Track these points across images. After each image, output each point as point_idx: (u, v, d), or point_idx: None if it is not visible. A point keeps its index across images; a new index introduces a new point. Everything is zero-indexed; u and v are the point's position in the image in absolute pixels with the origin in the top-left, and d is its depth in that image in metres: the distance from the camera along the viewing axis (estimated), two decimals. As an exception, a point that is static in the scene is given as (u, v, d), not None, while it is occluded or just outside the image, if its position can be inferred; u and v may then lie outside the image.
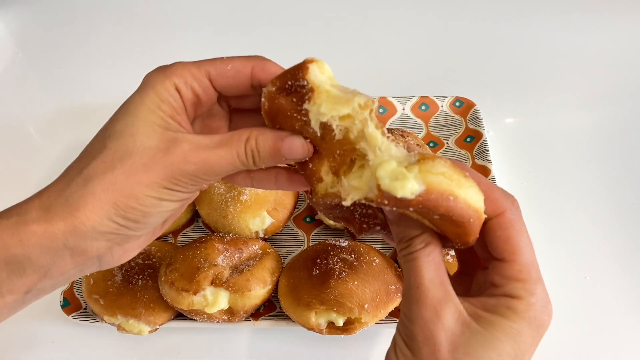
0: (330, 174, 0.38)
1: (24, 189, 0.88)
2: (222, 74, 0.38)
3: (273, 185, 0.43)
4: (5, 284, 0.36)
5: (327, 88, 0.36)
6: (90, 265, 0.39)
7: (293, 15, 1.14)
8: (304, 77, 0.36)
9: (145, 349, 0.67)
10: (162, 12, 1.18)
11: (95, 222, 0.35)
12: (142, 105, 0.37)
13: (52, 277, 0.37)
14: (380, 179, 0.31)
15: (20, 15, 1.20)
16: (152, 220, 0.38)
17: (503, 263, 0.35)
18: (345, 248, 0.65)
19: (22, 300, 0.38)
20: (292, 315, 0.62)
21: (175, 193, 0.37)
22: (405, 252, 0.35)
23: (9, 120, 0.99)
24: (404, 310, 0.34)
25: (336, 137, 0.37)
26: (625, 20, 1.06)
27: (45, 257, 0.36)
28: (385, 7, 1.14)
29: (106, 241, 0.38)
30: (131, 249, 0.42)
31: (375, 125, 0.35)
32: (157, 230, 0.44)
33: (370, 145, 0.35)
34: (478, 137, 0.83)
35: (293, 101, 0.37)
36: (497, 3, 1.12)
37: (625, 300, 0.67)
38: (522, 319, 0.33)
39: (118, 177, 0.35)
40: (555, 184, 0.80)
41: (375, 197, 0.32)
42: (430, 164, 0.31)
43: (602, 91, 0.95)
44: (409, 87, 0.93)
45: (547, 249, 0.72)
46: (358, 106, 0.35)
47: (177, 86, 0.38)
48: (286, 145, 0.37)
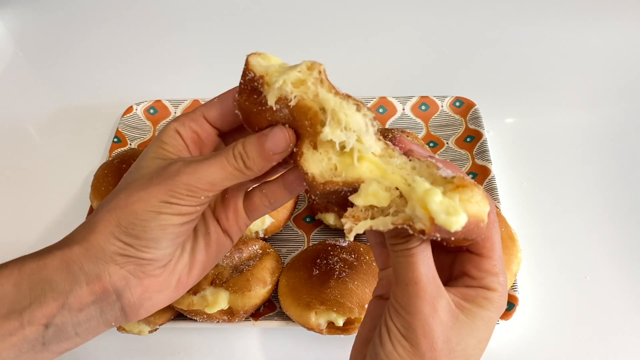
0: (310, 149, 0.39)
1: (24, 189, 0.88)
2: (213, 110, 0.43)
3: (285, 192, 0.45)
4: (26, 313, 0.37)
5: (274, 69, 0.38)
6: (110, 302, 0.40)
7: (293, 15, 1.14)
8: (249, 70, 0.39)
9: (145, 349, 0.67)
10: (162, 12, 1.18)
11: (102, 241, 0.39)
12: (148, 149, 0.42)
13: (70, 310, 0.38)
14: (436, 214, 0.32)
15: (20, 15, 1.20)
16: (154, 236, 0.39)
17: (480, 258, 0.38)
18: (345, 248, 0.65)
19: (42, 339, 0.38)
20: (292, 315, 0.62)
21: (173, 206, 0.39)
22: (402, 247, 0.36)
23: (9, 120, 0.99)
24: (400, 302, 0.35)
25: (295, 104, 0.38)
26: (625, 20, 1.06)
27: (64, 282, 0.38)
28: (385, 7, 1.14)
29: (118, 267, 0.39)
30: (152, 289, 0.41)
31: (327, 88, 0.37)
32: (183, 279, 0.44)
33: (327, 106, 0.37)
34: (478, 137, 0.83)
35: (255, 98, 0.39)
36: (497, 3, 1.12)
37: (625, 300, 0.67)
38: (495, 308, 0.37)
39: (121, 199, 0.39)
40: (555, 183, 0.80)
41: (426, 229, 0.32)
42: (469, 193, 0.32)
43: (601, 91, 0.95)
44: (409, 87, 0.93)
45: (547, 249, 0.72)
46: (306, 67, 0.37)
47: (177, 129, 0.42)
48: (268, 138, 0.39)
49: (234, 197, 0.46)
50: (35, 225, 0.81)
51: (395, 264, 0.36)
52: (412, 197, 0.33)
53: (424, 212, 0.32)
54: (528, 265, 0.70)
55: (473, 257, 0.38)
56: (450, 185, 0.33)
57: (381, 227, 0.35)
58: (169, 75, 1.04)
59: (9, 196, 0.86)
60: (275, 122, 0.40)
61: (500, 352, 0.64)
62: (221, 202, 0.46)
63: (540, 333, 0.65)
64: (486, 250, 0.38)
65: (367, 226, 0.36)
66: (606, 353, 0.63)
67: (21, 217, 0.83)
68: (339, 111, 0.37)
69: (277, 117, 0.39)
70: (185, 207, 0.39)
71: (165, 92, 0.96)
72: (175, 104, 0.93)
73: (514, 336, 0.65)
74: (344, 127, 0.38)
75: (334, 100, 0.37)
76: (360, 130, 0.38)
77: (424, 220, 0.32)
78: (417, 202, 0.33)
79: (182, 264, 0.43)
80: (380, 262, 0.43)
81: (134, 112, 0.92)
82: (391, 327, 0.36)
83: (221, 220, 0.45)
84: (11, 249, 0.79)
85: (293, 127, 0.39)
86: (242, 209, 0.46)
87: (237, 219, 0.46)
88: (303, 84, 0.38)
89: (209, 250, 0.45)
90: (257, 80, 0.39)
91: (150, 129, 0.92)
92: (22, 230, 0.81)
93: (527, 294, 0.67)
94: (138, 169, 0.41)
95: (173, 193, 0.38)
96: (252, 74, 0.39)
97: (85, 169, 0.86)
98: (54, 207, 0.83)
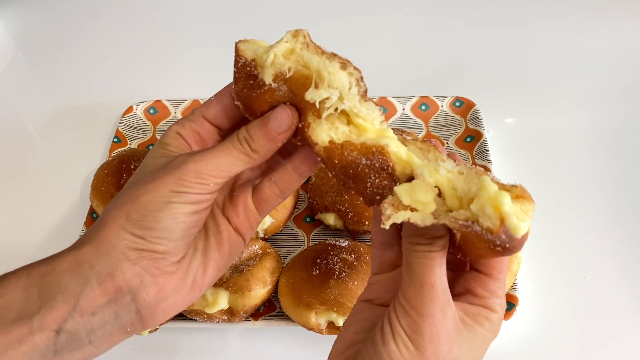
0: (315, 119, 0.39)
1: (24, 189, 0.88)
2: (211, 109, 0.43)
3: (294, 175, 0.44)
4: (36, 318, 0.35)
5: (263, 50, 0.39)
6: (124, 303, 0.38)
7: (293, 15, 1.14)
8: (240, 56, 0.40)
9: (145, 349, 0.67)
10: (162, 12, 1.18)
11: (112, 236, 0.37)
12: (151, 152, 0.43)
13: (82, 313, 0.36)
14: (508, 216, 0.32)
15: (20, 15, 1.20)
16: (166, 226, 0.38)
17: (488, 278, 0.38)
18: (345, 248, 0.65)
19: (54, 348, 0.36)
20: (292, 315, 0.62)
21: (182, 195, 0.38)
22: (424, 248, 0.36)
23: (9, 120, 0.99)
24: (412, 303, 0.35)
25: (291, 76, 0.39)
26: (624, 21, 1.06)
27: (75, 283, 0.36)
28: (386, 7, 1.14)
29: (131, 263, 0.38)
30: (168, 288, 0.40)
31: (313, 50, 0.38)
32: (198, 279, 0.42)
33: (313, 67, 0.38)
34: (478, 137, 0.83)
35: (251, 83, 0.40)
36: (497, 3, 1.12)
37: (625, 300, 0.67)
38: (494, 329, 0.37)
39: (129, 194, 0.38)
40: (555, 183, 0.80)
41: (495, 229, 0.32)
42: (529, 206, 0.33)
43: (601, 91, 0.95)
44: (409, 87, 0.93)
45: (547, 249, 0.72)
46: (291, 36, 0.38)
47: (178, 131, 0.42)
48: (271, 118, 0.40)
49: (243, 193, 0.45)
50: (35, 225, 0.81)
51: (413, 264, 0.36)
52: (482, 195, 0.33)
53: (495, 212, 0.32)
54: (528, 265, 0.70)
55: (481, 276, 0.38)
56: (511, 193, 0.33)
57: (419, 221, 0.35)
58: (169, 75, 1.04)
59: (8, 196, 0.86)
60: (277, 102, 0.40)
61: (500, 352, 0.64)
62: (229, 200, 0.45)
63: (540, 333, 0.65)
64: (496, 272, 0.38)
65: (406, 217, 0.35)
66: (606, 353, 0.63)
67: (21, 217, 0.83)
68: (323, 70, 0.38)
69: (277, 96, 0.39)
70: (195, 195, 0.39)
71: (165, 92, 0.96)
72: (175, 104, 0.93)
73: (514, 336, 0.65)
74: (327, 85, 0.38)
75: (317, 60, 0.38)
76: (342, 88, 0.38)
77: (493, 220, 0.32)
78: (488, 200, 0.33)
79: (196, 263, 0.42)
80: (377, 265, 0.42)
81: (134, 112, 0.92)
82: (396, 326, 0.35)
83: (231, 218, 0.45)
84: (11, 249, 0.79)
85: (294, 104, 0.40)
86: (252, 204, 0.45)
87: (248, 215, 0.45)
88: (293, 53, 0.38)
89: (221, 250, 0.44)
90: (249, 65, 0.39)
91: (150, 129, 0.92)
92: (22, 230, 0.81)
93: (527, 294, 0.67)
94: (143, 168, 0.41)
95: (182, 182, 0.38)
96: (243, 60, 0.40)
97: (85, 169, 0.86)
98: (54, 207, 0.83)
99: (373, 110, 0.39)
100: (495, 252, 0.34)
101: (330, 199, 0.72)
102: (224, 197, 0.45)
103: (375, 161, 0.38)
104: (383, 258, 0.42)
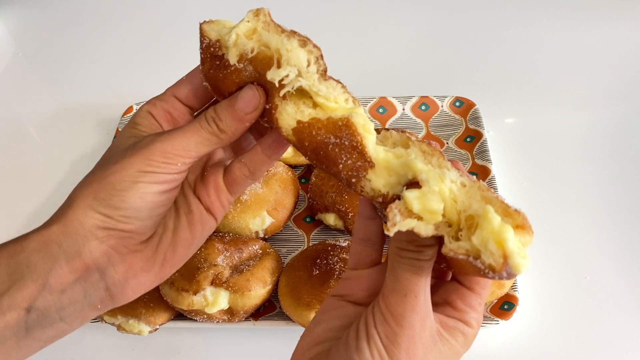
0: (282, 101, 0.39)
1: (24, 189, 0.88)
2: (182, 88, 0.43)
3: (264, 158, 0.43)
4: (6, 298, 0.36)
5: (226, 31, 0.39)
6: (93, 281, 0.39)
7: (293, 15, 1.14)
8: (204, 37, 0.40)
9: (145, 349, 0.67)
10: (162, 12, 1.18)
11: (80, 215, 0.38)
12: (122, 132, 0.43)
13: (51, 291, 0.37)
14: (512, 255, 0.30)
15: (20, 15, 1.20)
16: (134, 206, 0.38)
17: (469, 292, 0.37)
18: (345, 248, 0.65)
19: (25, 325, 0.37)
20: (292, 315, 0.62)
21: (150, 175, 0.38)
22: (412, 256, 0.35)
23: (9, 120, 0.99)
24: (393, 312, 0.34)
25: (254, 56, 0.38)
26: (624, 21, 1.06)
27: (43, 262, 0.37)
28: (385, 6, 1.14)
29: (98, 242, 0.38)
30: (136, 266, 0.40)
31: (273, 29, 0.38)
32: (169, 257, 0.43)
33: (272, 46, 0.37)
34: (478, 137, 0.83)
35: (217, 64, 0.40)
36: (497, 3, 1.12)
37: (625, 300, 0.67)
38: (467, 344, 0.37)
39: (97, 174, 0.39)
40: (555, 183, 0.80)
41: (497, 267, 0.30)
42: (528, 238, 0.32)
43: (601, 91, 0.95)
44: (409, 87, 0.93)
45: (547, 249, 0.72)
46: (253, 15, 0.38)
47: (149, 110, 0.43)
48: (238, 98, 0.40)
49: (214, 174, 0.45)
50: (35, 224, 0.80)
51: (399, 270, 0.35)
52: (485, 227, 0.31)
53: (498, 248, 0.30)
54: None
55: (462, 289, 0.37)
56: (512, 221, 0.31)
57: (422, 231, 0.33)
58: (169, 76, 1.03)
59: (8, 196, 0.86)
60: (244, 83, 0.40)
61: (500, 352, 0.64)
62: (201, 180, 0.45)
63: (540, 333, 0.65)
64: (479, 287, 0.37)
65: (411, 226, 0.33)
66: (606, 353, 0.63)
67: (21, 217, 0.83)
68: (281, 48, 0.37)
69: (243, 77, 0.39)
70: (162, 175, 0.39)
71: (165, 92, 0.96)
72: (175, 104, 0.93)
73: (514, 336, 0.65)
74: (285, 63, 0.37)
75: (276, 39, 0.37)
76: (300, 65, 0.37)
77: (496, 257, 0.30)
78: (491, 234, 0.30)
79: (166, 242, 0.42)
80: (355, 260, 0.41)
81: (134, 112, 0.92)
82: (373, 333, 0.34)
83: (203, 197, 0.45)
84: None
85: (262, 85, 0.40)
86: (223, 184, 0.45)
87: (219, 195, 0.45)
88: (255, 33, 0.38)
89: (193, 229, 0.44)
90: (213, 46, 0.40)
91: (150, 129, 0.92)
92: (21, 229, 0.80)
93: (527, 294, 0.67)
94: (113, 148, 0.42)
95: (149, 161, 0.38)
96: (207, 40, 0.40)
97: (85, 169, 0.85)
98: (54, 207, 0.81)
99: (334, 88, 0.38)
100: (484, 275, 0.32)
101: (330, 199, 0.72)
102: (195, 176, 0.45)
103: (344, 139, 0.37)
104: (362, 254, 0.41)
